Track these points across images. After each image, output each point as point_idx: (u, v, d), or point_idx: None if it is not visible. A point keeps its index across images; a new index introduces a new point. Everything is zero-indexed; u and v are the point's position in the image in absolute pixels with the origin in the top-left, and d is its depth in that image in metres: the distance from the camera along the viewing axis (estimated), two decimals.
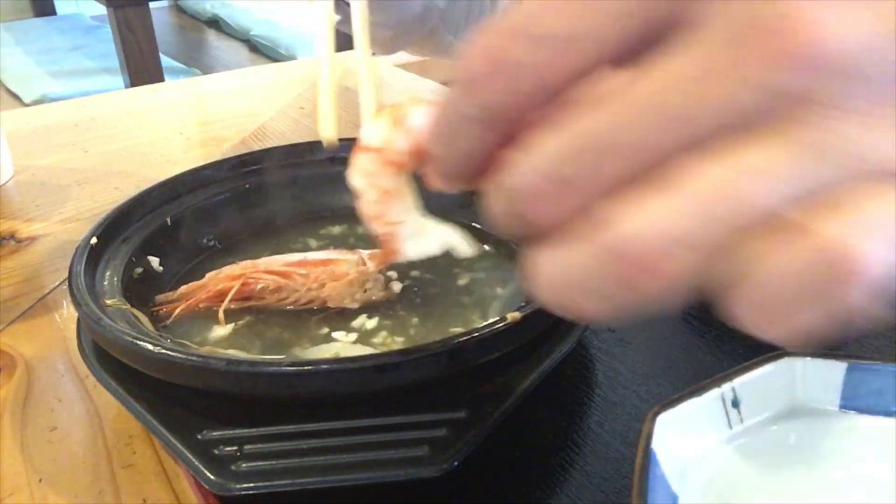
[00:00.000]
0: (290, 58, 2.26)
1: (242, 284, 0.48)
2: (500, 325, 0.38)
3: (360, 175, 0.33)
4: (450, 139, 0.22)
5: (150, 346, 0.38)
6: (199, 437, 0.36)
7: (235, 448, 0.35)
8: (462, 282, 0.51)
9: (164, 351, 0.37)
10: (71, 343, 0.50)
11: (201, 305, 0.48)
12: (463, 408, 0.37)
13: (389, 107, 0.31)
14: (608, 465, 0.40)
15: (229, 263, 0.52)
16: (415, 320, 0.48)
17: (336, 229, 0.58)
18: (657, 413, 0.32)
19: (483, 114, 0.20)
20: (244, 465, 0.35)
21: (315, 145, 0.61)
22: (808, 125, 0.17)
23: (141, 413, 0.38)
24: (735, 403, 0.34)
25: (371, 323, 0.47)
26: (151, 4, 1.87)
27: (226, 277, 0.49)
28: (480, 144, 0.21)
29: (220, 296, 0.48)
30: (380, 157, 0.32)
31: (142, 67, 1.85)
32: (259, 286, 0.48)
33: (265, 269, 0.48)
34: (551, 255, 0.20)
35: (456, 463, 0.34)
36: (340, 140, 0.61)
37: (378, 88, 0.39)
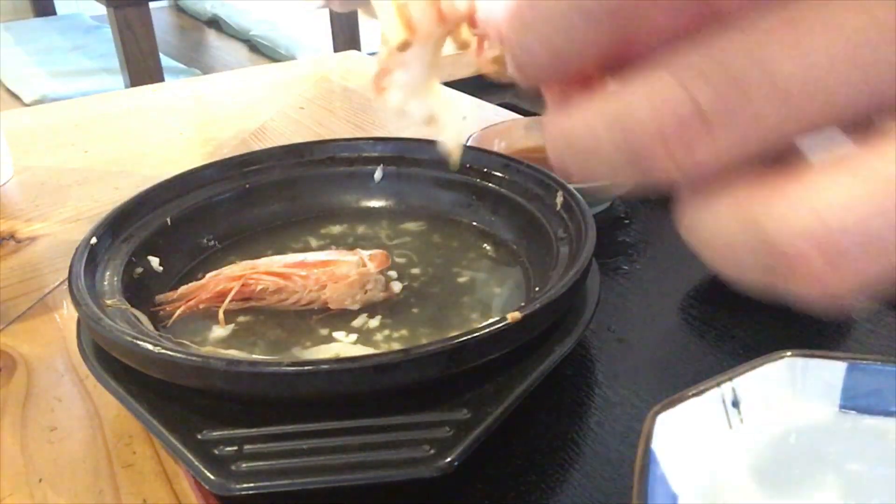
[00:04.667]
0: (290, 58, 2.26)
1: (242, 285, 0.48)
2: (500, 325, 0.38)
3: None
4: (545, 29, 0.17)
5: (150, 346, 0.38)
6: (199, 437, 0.36)
7: (235, 448, 0.35)
8: (462, 281, 0.51)
9: (164, 351, 0.37)
10: (71, 343, 0.50)
11: (201, 306, 0.48)
12: (463, 408, 0.37)
13: None
14: (608, 465, 0.40)
15: (229, 263, 0.52)
16: (415, 320, 0.48)
17: (336, 229, 0.58)
18: (657, 413, 0.32)
19: (596, 12, 0.16)
20: (244, 465, 0.35)
21: (315, 145, 0.61)
22: None
23: (141, 413, 0.38)
24: (735, 403, 0.34)
25: (371, 323, 0.47)
26: (151, 4, 1.87)
27: (226, 278, 0.49)
28: (579, 41, 0.17)
29: (221, 296, 0.48)
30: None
31: (142, 67, 1.85)
32: (259, 287, 0.48)
33: (265, 271, 0.48)
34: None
35: (457, 463, 0.34)
36: (336, 140, 0.62)
37: None
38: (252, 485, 0.34)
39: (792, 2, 0.15)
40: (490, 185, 0.56)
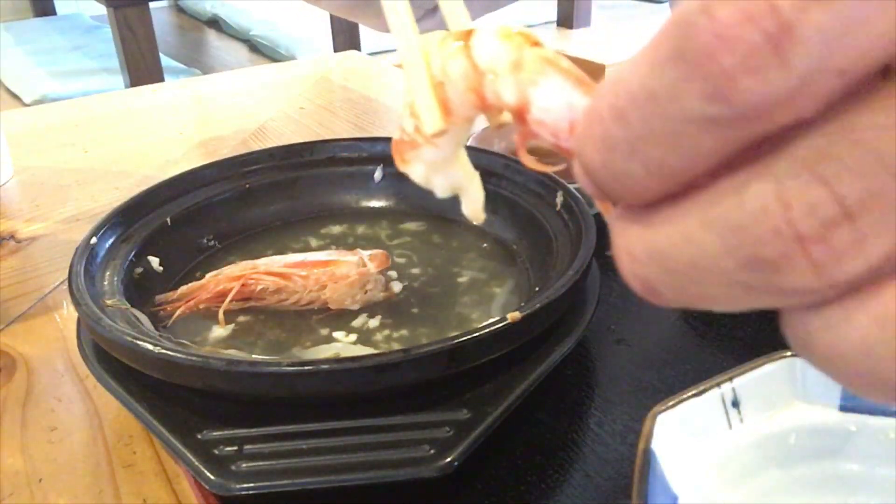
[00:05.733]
0: (290, 58, 2.26)
1: (242, 285, 0.48)
2: (500, 325, 0.38)
3: (439, 67, 0.25)
4: (634, 142, 0.14)
5: (150, 346, 0.38)
6: (199, 437, 0.36)
7: (235, 448, 0.35)
8: (462, 281, 0.51)
9: (164, 351, 0.37)
10: (71, 343, 0.50)
11: (201, 306, 0.48)
12: (463, 408, 0.37)
13: (519, 32, 0.22)
14: (608, 465, 0.40)
15: (229, 263, 0.52)
16: (415, 320, 0.48)
17: (336, 229, 0.58)
18: (657, 413, 0.32)
19: (728, 118, 0.13)
20: (244, 465, 0.35)
21: (315, 145, 0.61)
22: None
23: (141, 413, 0.38)
24: (735, 403, 0.34)
25: (371, 323, 0.47)
26: (151, 4, 1.87)
27: (226, 278, 0.49)
28: (690, 159, 0.14)
29: (220, 296, 0.48)
30: (474, 78, 0.24)
31: (142, 67, 1.85)
32: (259, 287, 0.48)
33: (265, 271, 0.48)
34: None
35: (456, 463, 0.34)
36: (336, 140, 0.62)
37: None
38: (252, 485, 0.34)
39: None
40: (490, 185, 0.56)
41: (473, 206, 0.31)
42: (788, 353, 0.35)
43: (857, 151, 0.13)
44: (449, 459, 0.34)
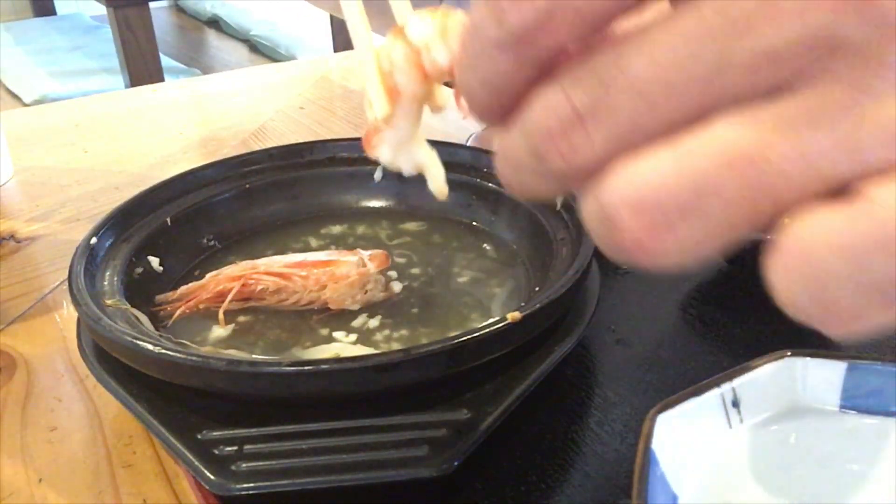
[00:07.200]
0: (290, 58, 2.26)
1: (242, 285, 0.48)
2: (500, 325, 0.38)
3: (386, 60, 0.30)
4: (472, 65, 0.20)
5: (150, 346, 0.38)
6: (199, 437, 0.36)
7: (235, 448, 0.35)
8: (462, 281, 0.51)
9: (164, 351, 0.37)
10: (71, 343, 0.50)
11: (201, 306, 0.48)
12: (463, 408, 0.37)
13: (440, 11, 0.28)
14: (608, 465, 0.40)
15: (229, 263, 0.52)
16: (415, 320, 0.48)
17: (336, 229, 0.58)
18: (657, 413, 0.32)
19: (509, 40, 0.18)
20: (244, 465, 0.35)
21: (315, 145, 0.61)
22: (859, 87, 0.16)
23: (141, 413, 0.38)
24: (735, 403, 0.34)
25: (371, 323, 0.47)
26: (151, 4, 1.87)
27: (226, 278, 0.49)
28: (503, 77, 0.19)
29: (221, 296, 0.48)
30: (413, 55, 0.29)
31: (142, 67, 1.85)
32: (259, 287, 0.48)
33: (265, 271, 0.48)
34: (545, 186, 0.20)
35: (456, 463, 0.34)
36: (336, 140, 0.62)
37: None
38: (252, 485, 0.34)
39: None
40: (490, 185, 0.56)
41: (437, 182, 0.35)
42: (788, 353, 0.35)
43: (590, 75, 0.18)
44: (449, 459, 0.34)
